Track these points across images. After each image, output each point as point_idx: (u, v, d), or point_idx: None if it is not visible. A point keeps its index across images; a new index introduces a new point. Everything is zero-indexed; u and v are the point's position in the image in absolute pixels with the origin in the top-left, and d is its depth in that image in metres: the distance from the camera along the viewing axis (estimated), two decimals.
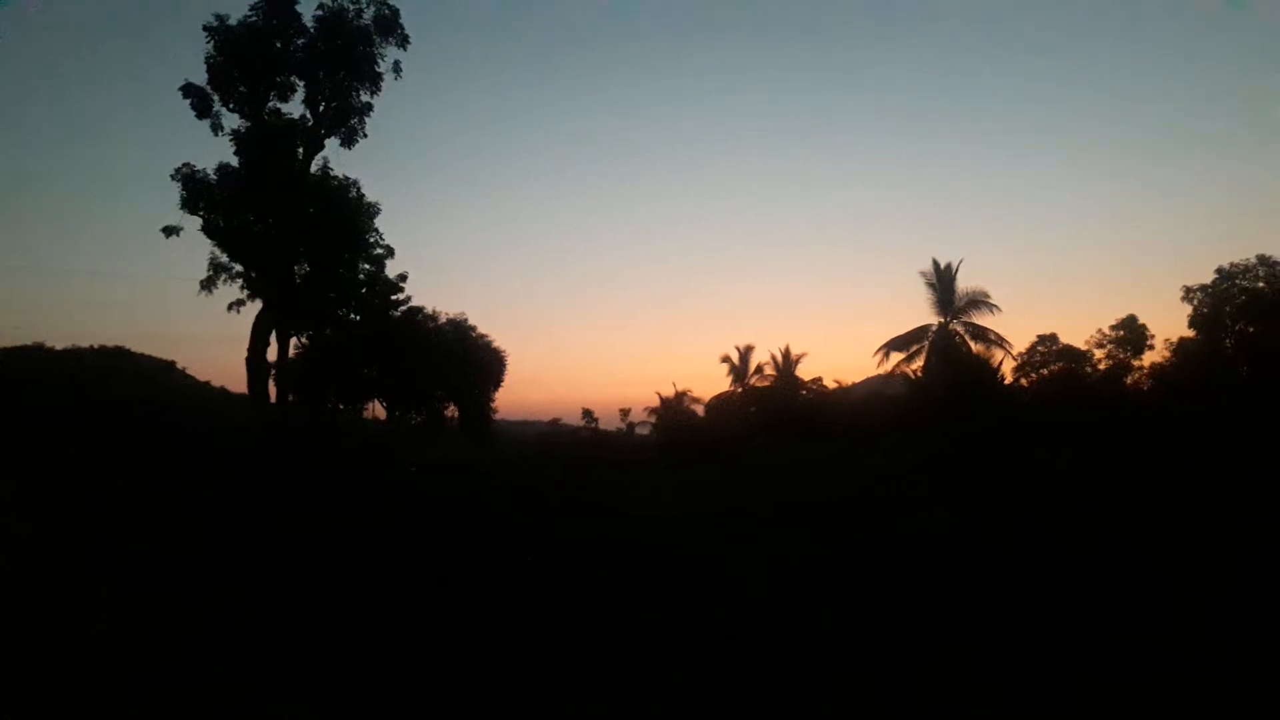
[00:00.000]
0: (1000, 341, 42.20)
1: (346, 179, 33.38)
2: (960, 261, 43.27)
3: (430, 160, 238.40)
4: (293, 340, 36.93)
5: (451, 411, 55.78)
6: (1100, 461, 26.76)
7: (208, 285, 32.46)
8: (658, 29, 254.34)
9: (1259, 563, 12.17)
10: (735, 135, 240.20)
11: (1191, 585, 10.86)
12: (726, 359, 59.25)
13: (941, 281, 43.19)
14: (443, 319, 51.47)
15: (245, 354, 31.18)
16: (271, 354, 32.63)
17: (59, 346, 48.00)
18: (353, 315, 41.46)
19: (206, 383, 55.06)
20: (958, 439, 32.24)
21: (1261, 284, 36.41)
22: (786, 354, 55.33)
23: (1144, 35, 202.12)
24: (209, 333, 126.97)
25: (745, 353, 58.70)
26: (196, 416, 38.73)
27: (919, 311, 44.79)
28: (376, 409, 54.02)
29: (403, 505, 21.76)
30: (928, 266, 43.72)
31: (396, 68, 31.81)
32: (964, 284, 43.28)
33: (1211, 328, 37.15)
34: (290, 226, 31.70)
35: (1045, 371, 41.58)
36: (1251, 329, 35.76)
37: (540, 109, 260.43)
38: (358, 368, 44.79)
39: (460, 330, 51.98)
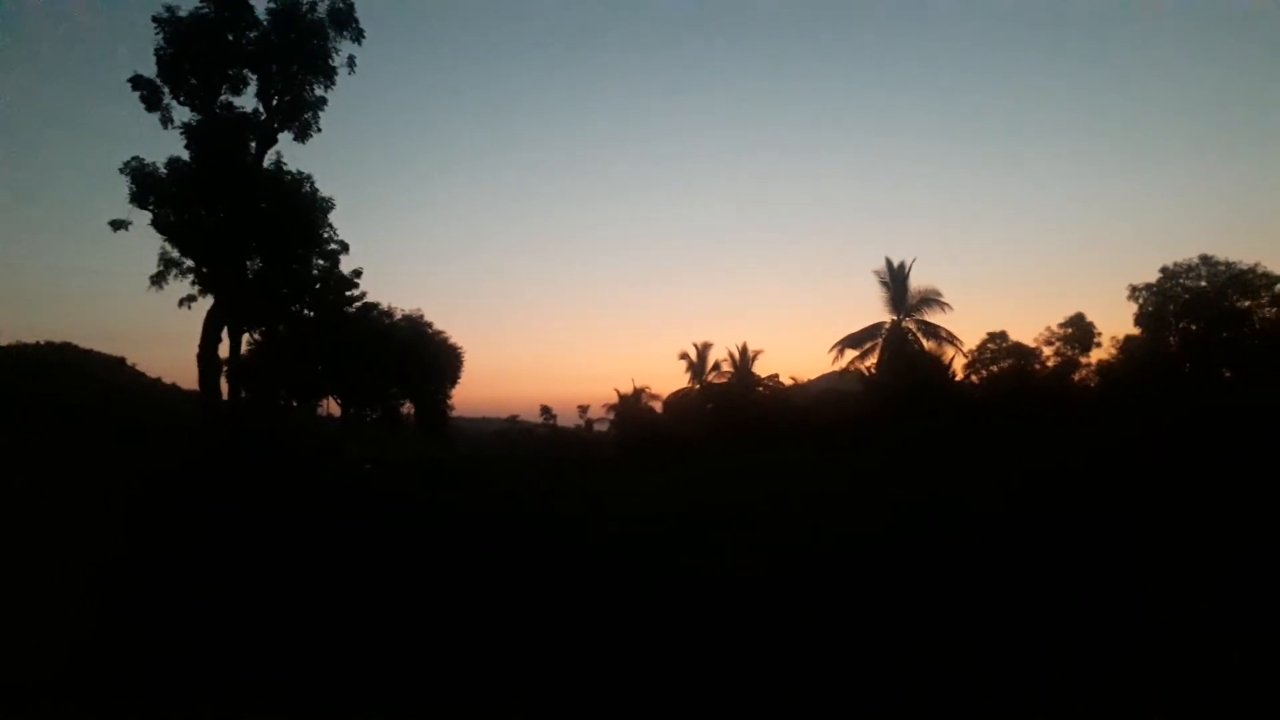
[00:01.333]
0: (951, 339, 43.39)
1: (300, 173, 33.07)
2: (913, 260, 44.40)
3: (386, 156, 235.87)
4: (245, 337, 36.53)
5: (407, 409, 55.41)
6: (1052, 457, 27.36)
7: (158, 280, 32.06)
8: (614, 24, 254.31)
9: (1215, 555, 12.57)
10: (693, 134, 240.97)
11: (1153, 577, 11.21)
12: (685, 356, 59.64)
13: (895, 280, 44.03)
14: (398, 315, 51.13)
15: (196, 350, 30.77)
16: (223, 350, 32.28)
17: (3, 342, 46.91)
18: (306, 311, 41.05)
19: (157, 379, 54.02)
20: (911, 435, 32.75)
21: (1204, 283, 37.31)
22: (744, 351, 55.84)
23: (1090, 36, 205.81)
24: (160, 329, 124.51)
25: (703, 350, 59.11)
26: (147, 414, 38.07)
27: (873, 309, 45.60)
28: (331, 406, 53.54)
29: (356, 504, 21.63)
30: (881, 265, 44.73)
31: (351, 62, 31.62)
32: (916, 282, 44.43)
33: (1156, 326, 38.00)
34: (242, 221, 31.29)
35: (995, 368, 42.31)
36: (1194, 327, 36.66)
37: (497, 105, 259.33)
38: (311, 364, 44.32)
39: (416, 326, 51.64)
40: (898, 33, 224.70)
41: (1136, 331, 39.00)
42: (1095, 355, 40.97)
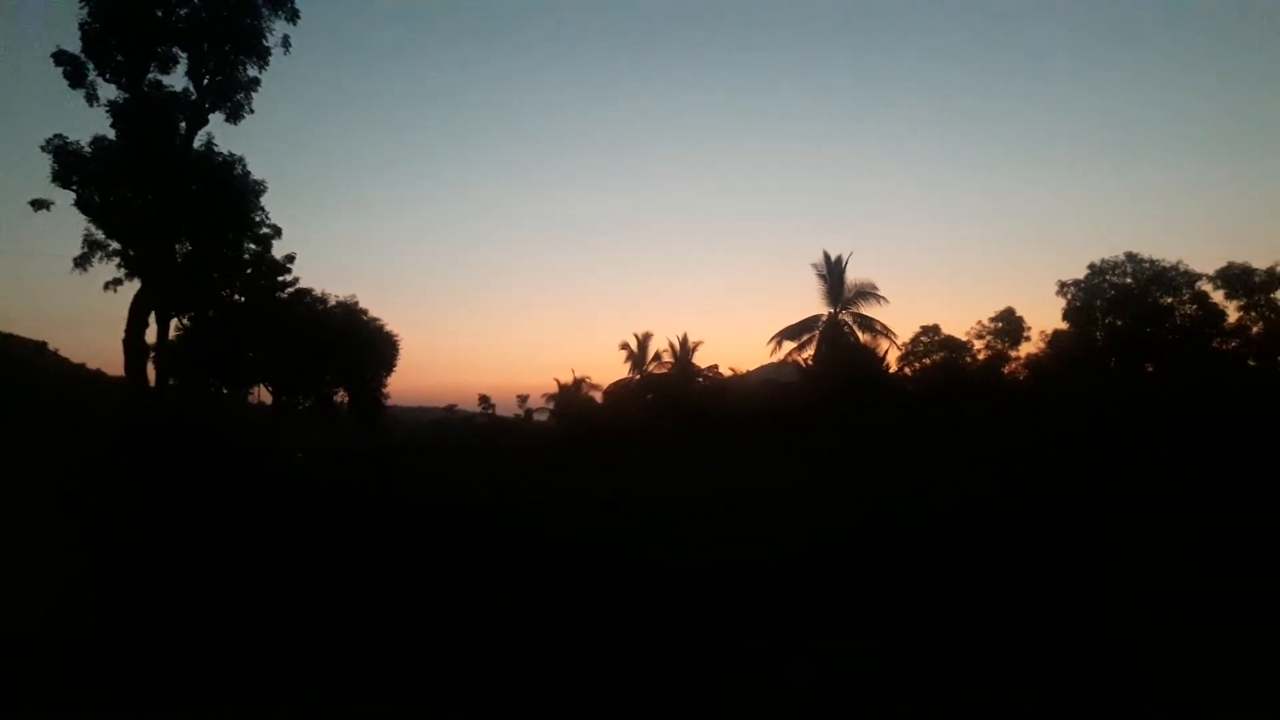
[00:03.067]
0: (886, 331, 44.19)
1: (231, 155, 32.18)
2: (850, 254, 45.11)
3: (322, 139, 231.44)
4: (173, 322, 35.65)
5: (341, 397, 54.74)
6: (981, 448, 28.02)
7: (82, 263, 31.06)
8: (558, 9, 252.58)
9: (1140, 541, 13.00)
10: (636, 127, 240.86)
11: (1082, 564, 11.56)
12: (625, 346, 59.57)
13: (832, 273, 44.67)
14: (332, 301, 50.54)
15: (123, 335, 29.91)
16: (151, 336, 31.36)
17: None
18: (237, 296, 40.28)
19: (81, 365, 52.58)
20: (846, 426, 33.29)
21: (1129, 279, 38.50)
22: (684, 342, 56.01)
23: (1021, 39, 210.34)
24: (84, 313, 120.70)
25: (644, 340, 59.14)
26: (70, 400, 36.97)
27: (810, 302, 46.22)
28: (262, 394, 52.63)
29: (289, 493, 21.29)
30: (819, 258, 45.26)
31: (285, 42, 30.82)
32: (853, 276, 45.06)
33: (1083, 321, 39.11)
34: (171, 203, 30.39)
35: (928, 361, 43.20)
36: (1119, 322, 37.81)
37: (436, 90, 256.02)
38: (242, 351, 43.51)
39: (350, 313, 51.05)
40: (835, 30, 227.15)
41: (1064, 326, 40.12)
42: (1024, 349, 42.12)
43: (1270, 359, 36.09)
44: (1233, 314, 37.05)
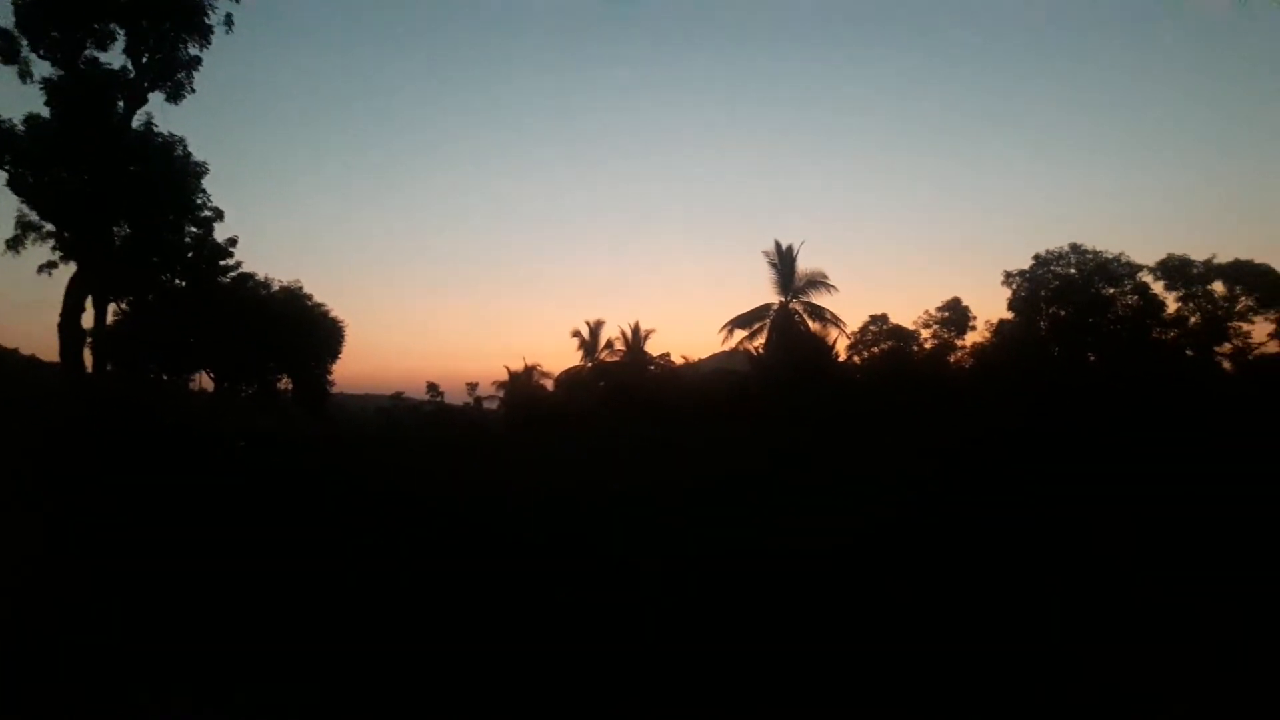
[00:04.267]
0: (836, 320, 44.70)
1: (172, 136, 31.44)
2: (801, 243, 45.62)
3: (266, 121, 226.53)
4: (111, 306, 34.83)
5: (285, 384, 53.87)
6: (927, 435, 28.41)
7: (14, 245, 30.32)
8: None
9: (1080, 529, 13.27)
10: (586, 113, 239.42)
11: (1023, 555, 11.76)
12: (577, 334, 59.38)
13: (783, 262, 45.04)
14: (276, 286, 49.68)
15: (58, 320, 29.06)
16: (88, 320, 30.55)
17: None
18: (177, 281, 39.40)
19: (14, 350, 51.16)
20: (796, 414, 33.58)
21: (1073, 270, 39.29)
22: (636, 330, 56.06)
23: (966, 30, 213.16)
24: (17, 297, 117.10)
25: (596, 328, 58.98)
26: (2, 386, 35.91)
27: (762, 290, 46.56)
28: (204, 380, 51.58)
29: (228, 479, 20.91)
30: (771, 247, 45.62)
31: (229, 20, 30.02)
32: (804, 265, 45.54)
33: (1028, 310, 39.84)
34: (108, 184, 29.54)
35: (876, 349, 43.74)
36: (1063, 312, 38.59)
37: (385, 73, 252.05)
38: (183, 336, 42.60)
39: (295, 298, 50.25)
40: (785, 22, 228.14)
41: (1009, 315, 40.85)
42: (970, 338, 42.86)
43: (1206, 349, 37.11)
44: (1172, 305, 38.09)
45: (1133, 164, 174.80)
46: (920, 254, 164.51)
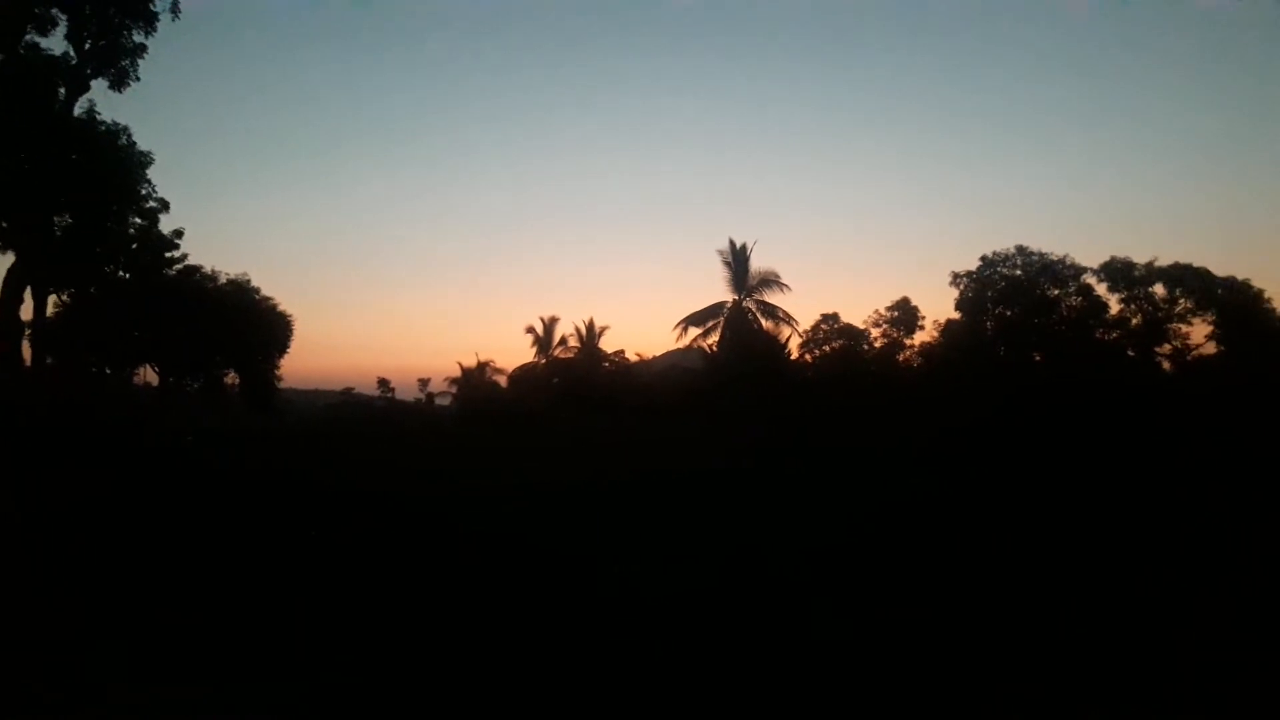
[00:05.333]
0: (788, 319, 45.38)
1: (115, 124, 30.72)
2: (755, 242, 46.00)
3: (214, 111, 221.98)
4: (51, 298, 33.98)
5: (232, 378, 53.02)
6: (875, 432, 28.73)
7: None
8: None
9: (1025, 522, 13.48)
10: (541, 109, 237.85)
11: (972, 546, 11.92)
12: (531, 330, 59.22)
13: (737, 260, 45.49)
14: (223, 279, 48.79)
15: None
16: (26, 312, 29.82)
17: None
18: (121, 273, 38.63)
19: None
20: (748, 411, 33.84)
21: (1019, 272, 39.86)
22: (590, 326, 56.04)
23: (918, 33, 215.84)
24: None
25: (550, 324, 58.88)
26: None
27: (716, 288, 46.95)
28: (148, 374, 50.59)
29: (173, 477, 20.49)
30: (725, 245, 45.94)
31: (174, 8, 29.43)
32: (757, 263, 46.10)
33: (975, 311, 40.36)
34: (48, 172, 28.78)
35: (827, 348, 44.16)
36: (1009, 313, 39.19)
37: (336, 62, 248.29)
38: (126, 330, 41.70)
39: (242, 292, 49.40)
40: (739, 23, 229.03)
41: (957, 316, 41.36)
42: (919, 337, 43.36)
43: (1147, 350, 37.96)
44: (1114, 306, 38.84)
45: (1078, 168, 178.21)
46: (871, 254, 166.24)
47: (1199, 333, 37.83)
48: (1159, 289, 38.10)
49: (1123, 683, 6.68)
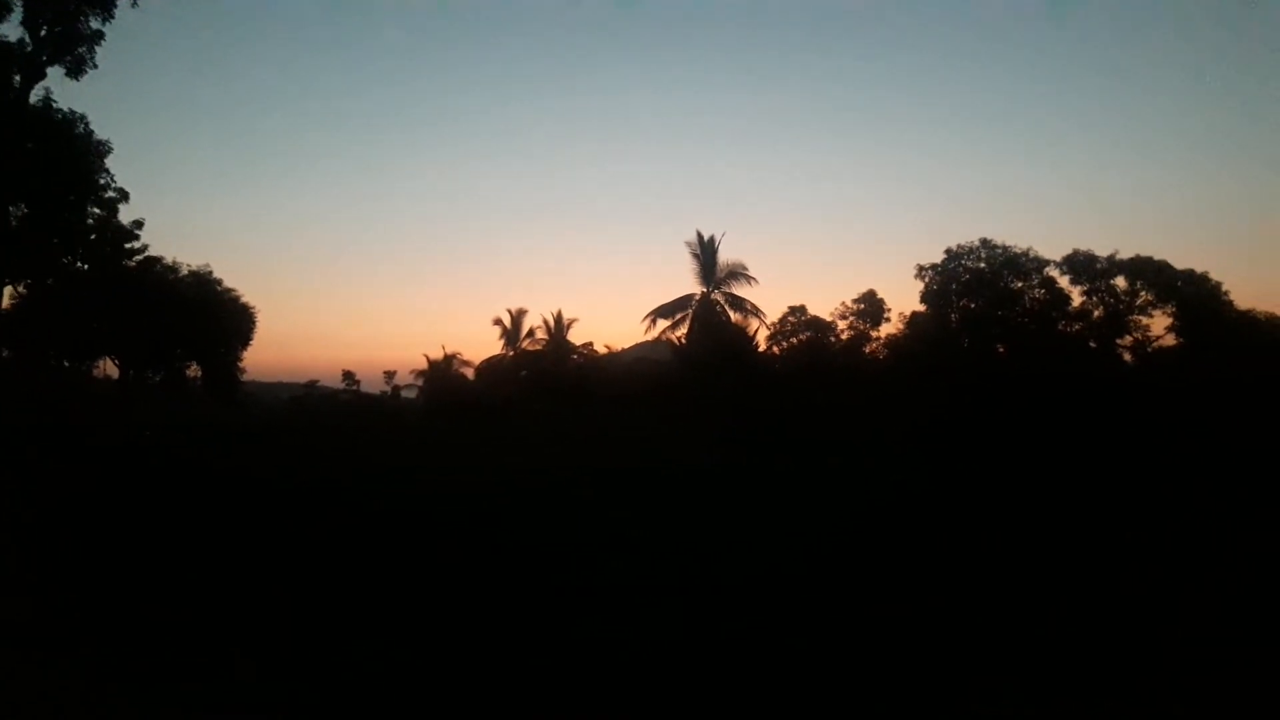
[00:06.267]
0: (756, 311, 45.61)
1: (72, 112, 30.14)
2: (723, 235, 46.13)
3: (174, 99, 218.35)
4: (8, 290, 33.34)
5: (194, 371, 52.26)
6: (842, 424, 28.92)
7: None
8: None
9: (987, 512, 13.63)
10: (507, 101, 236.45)
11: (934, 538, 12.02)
12: (499, 322, 58.87)
13: (705, 252, 45.60)
14: (184, 271, 48.06)
15: None
16: None
17: None
18: (80, 264, 37.92)
19: None
20: (717, 403, 33.96)
21: (983, 264, 40.20)
22: (559, 318, 55.98)
23: (884, 32, 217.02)
24: None
25: (518, 316, 58.57)
26: None
27: (684, 280, 47.04)
28: (108, 367, 49.70)
29: (136, 471, 20.22)
30: (693, 237, 46.09)
31: None
32: (725, 256, 46.21)
33: (940, 303, 40.68)
34: (3, 161, 28.21)
35: (795, 340, 44.38)
36: (973, 305, 39.57)
37: (300, 53, 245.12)
38: (85, 322, 40.96)
39: (204, 283, 48.67)
40: (708, 15, 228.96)
41: (922, 308, 41.67)
42: (885, 329, 43.67)
43: (1108, 341, 38.49)
44: (1076, 298, 39.33)
45: (1042, 161, 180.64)
46: (838, 246, 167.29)
47: (1159, 325, 38.43)
48: (1120, 281, 38.62)
49: (1082, 670, 6.78)
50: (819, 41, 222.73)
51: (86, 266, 38.35)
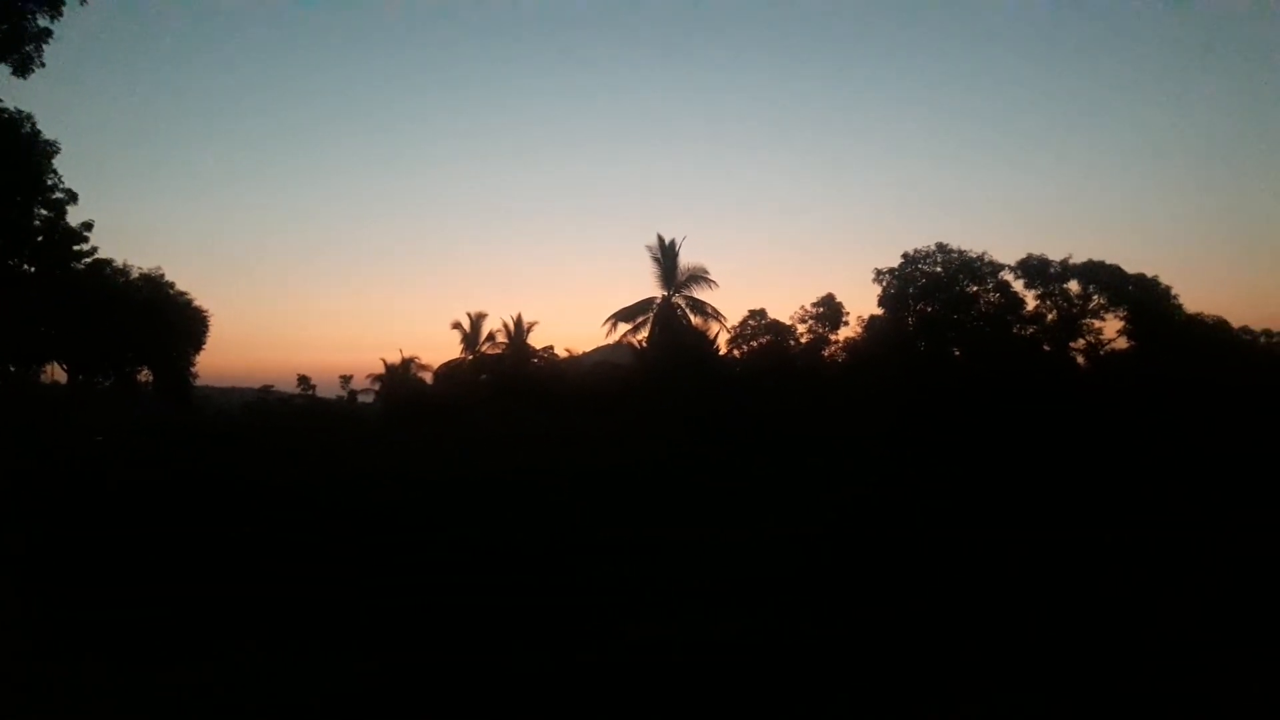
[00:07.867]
0: (717, 315, 45.88)
1: (19, 112, 29.46)
2: (684, 238, 46.42)
3: (125, 98, 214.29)
4: None
5: (145, 376, 51.34)
6: (803, 425, 29.13)
7: None
8: None
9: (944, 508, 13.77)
10: (468, 105, 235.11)
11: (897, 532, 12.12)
12: (458, 326, 58.46)
13: (666, 256, 45.71)
14: (135, 274, 47.21)
15: None
16: None
17: None
18: (26, 266, 37.10)
19: None
20: (678, 405, 34.06)
21: (939, 268, 40.77)
22: (519, 322, 55.59)
23: (844, 31, 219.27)
24: None
25: (477, 320, 58.19)
26: None
27: (645, 284, 47.11)
28: (56, 372, 48.64)
29: (87, 477, 19.82)
30: (654, 241, 46.15)
31: None
32: (686, 259, 46.38)
33: (897, 307, 41.17)
34: None
35: (755, 343, 44.68)
36: (930, 309, 40.10)
37: (258, 52, 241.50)
38: (32, 326, 40.05)
39: (155, 286, 47.83)
40: (670, 19, 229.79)
41: (880, 311, 42.14)
42: (843, 333, 44.12)
43: (1062, 345, 39.21)
44: (1030, 302, 40.06)
45: (996, 166, 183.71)
46: (797, 250, 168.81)
47: (1111, 328, 39.27)
48: (1073, 285, 39.42)
49: (1048, 668, 6.89)
50: (778, 46, 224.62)
51: (33, 269, 37.53)
